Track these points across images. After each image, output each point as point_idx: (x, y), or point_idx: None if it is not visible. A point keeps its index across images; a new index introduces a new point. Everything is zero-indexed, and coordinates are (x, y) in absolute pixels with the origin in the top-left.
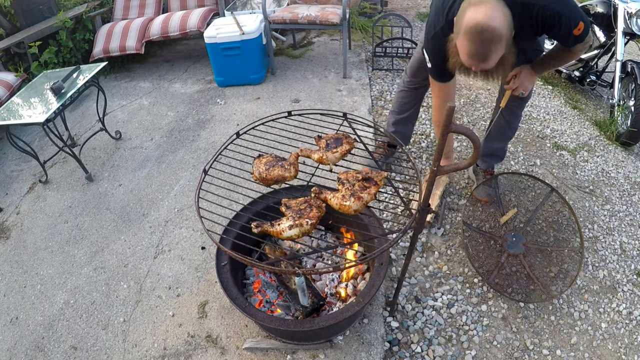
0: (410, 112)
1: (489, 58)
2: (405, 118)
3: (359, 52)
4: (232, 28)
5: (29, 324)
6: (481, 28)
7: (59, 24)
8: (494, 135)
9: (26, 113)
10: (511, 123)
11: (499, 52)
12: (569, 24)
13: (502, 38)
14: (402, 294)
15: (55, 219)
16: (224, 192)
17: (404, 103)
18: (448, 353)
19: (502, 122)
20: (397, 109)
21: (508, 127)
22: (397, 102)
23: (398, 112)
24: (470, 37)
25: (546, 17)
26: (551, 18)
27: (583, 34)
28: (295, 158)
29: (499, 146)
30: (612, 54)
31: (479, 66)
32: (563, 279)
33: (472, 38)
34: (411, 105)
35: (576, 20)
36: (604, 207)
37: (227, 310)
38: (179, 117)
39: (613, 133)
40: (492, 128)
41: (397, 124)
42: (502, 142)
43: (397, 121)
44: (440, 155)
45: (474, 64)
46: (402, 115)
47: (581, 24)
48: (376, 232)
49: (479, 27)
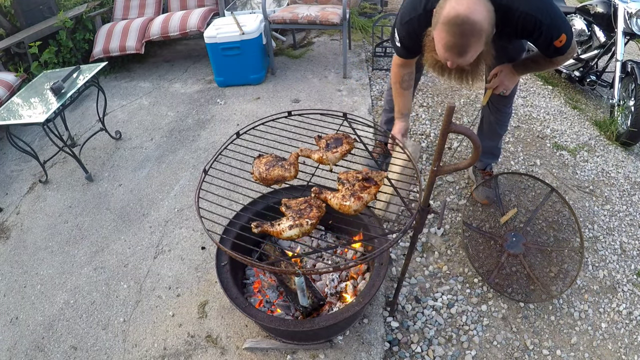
0: None
1: (466, 52)
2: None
3: (359, 52)
4: (232, 28)
5: (29, 324)
6: (461, 20)
7: (59, 24)
8: (486, 134)
9: (26, 113)
10: (500, 120)
11: (478, 48)
12: (549, 33)
13: (482, 33)
14: (402, 294)
15: (55, 219)
16: (224, 192)
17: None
18: (448, 353)
19: (492, 119)
20: (389, 107)
21: (497, 124)
22: (388, 100)
23: (390, 110)
24: (449, 28)
25: (527, 23)
26: (532, 25)
27: (564, 47)
28: (295, 158)
29: (491, 144)
30: (612, 54)
31: (456, 61)
32: (563, 279)
33: (451, 30)
34: None
35: (559, 32)
36: (604, 207)
37: (227, 310)
38: (179, 117)
39: (613, 133)
40: (483, 126)
41: (390, 122)
42: (494, 140)
43: (389, 119)
44: (440, 155)
45: (450, 57)
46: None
47: (563, 36)
48: (376, 232)
49: (459, 18)
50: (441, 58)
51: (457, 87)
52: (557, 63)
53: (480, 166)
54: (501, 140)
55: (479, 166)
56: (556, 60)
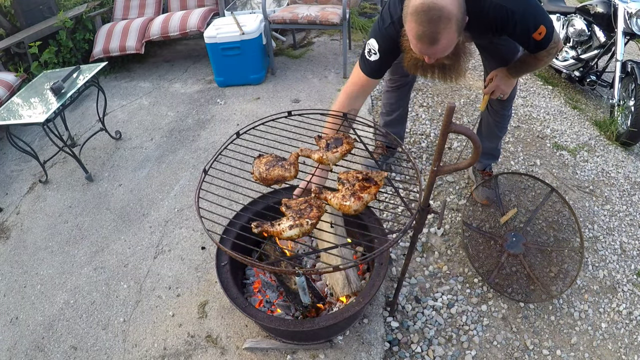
0: (399, 113)
1: (438, 40)
2: (395, 119)
3: (359, 52)
4: (232, 28)
5: (29, 324)
6: (427, 6)
7: (59, 24)
8: (485, 136)
9: (26, 113)
10: (499, 123)
11: (450, 36)
12: (525, 25)
13: (452, 18)
14: (402, 294)
15: (55, 219)
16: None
17: (390, 103)
18: (448, 353)
19: (490, 121)
20: (385, 110)
21: (496, 126)
22: (384, 104)
23: (386, 113)
24: (417, 17)
25: (499, 13)
26: (504, 15)
27: (545, 40)
28: (295, 158)
29: (490, 146)
30: (612, 54)
31: (429, 51)
32: (563, 279)
33: (418, 18)
34: (398, 105)
35: (535, 22)
36: (604, 207)
37: (227, 310)
38: (179, 117)
39: (613, 133)
40: (482, 129)
41: (387, 126)
42: (493, 141)
43: (386, 123)
44: (440, 155)
45: (423, 48)
46: (390, 116)
47: (542, 27)
48: (376, 232)
49: (425, 5)
50: (416, 52)
51: (456, 87)
52: (543, 60)
53: (480, 167)
54: (500, 141)
55: (479, 167)
56: (539, 55)
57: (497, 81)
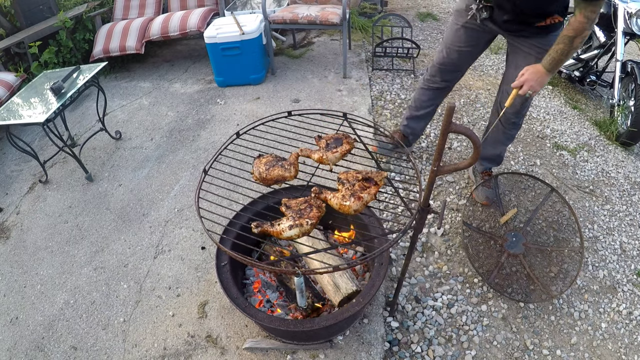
0: (427, 111)
1: None
2: (421, 116)
3: (359, 52)
4: (232, 28)
5: (29, 324)
6: None
7: (59, 24)
8: (491, 142)
9: (26, 113)
10: (508, 132)
11: None
12: None
13: None
14: (402, 294)
15: (55, 219)
16: (224, 192)
17: (422, 101)
18: (448, 353)
19: (500, 127)
20: (414, 105)
21: (504, 134)
22: (415, 99)
23: (415, 108)
24: None
25: None
26: None
27: None
28: (295, 158)
29: (494, 152)
30: (612, 54)
31: None
32: (563, 279)
33: None
34: (428, 104)
35: None
36: (604, 207)
37: (227, 310)
38: (179, 117)
39: (613, 133)
40: (489, 135)
41: (411, 119)
42: (497, 148)
43: (411, 116)
44: (440, 155)
45: None
46: (418, 112)
47: None
48: (376, 232)
49: None
50: None
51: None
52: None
53: (480, 169)
54: (505, 149)
55: (479, 169)
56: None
57: (528, 75)
